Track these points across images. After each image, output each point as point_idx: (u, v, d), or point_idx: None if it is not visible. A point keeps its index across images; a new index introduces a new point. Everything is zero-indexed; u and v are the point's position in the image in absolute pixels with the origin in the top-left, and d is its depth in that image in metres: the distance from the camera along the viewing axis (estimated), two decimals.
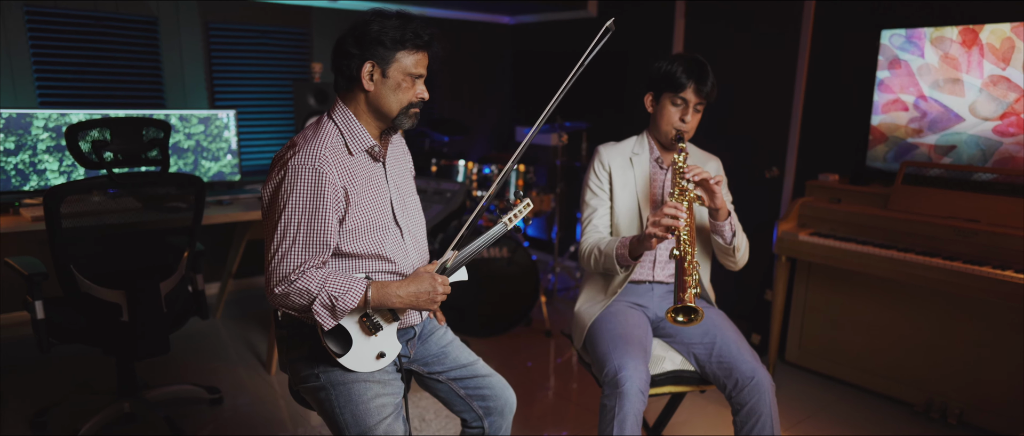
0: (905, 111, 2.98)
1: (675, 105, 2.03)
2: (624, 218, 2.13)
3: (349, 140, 1.58)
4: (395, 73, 1.55)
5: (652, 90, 2.09)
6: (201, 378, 3.07)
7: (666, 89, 2.02)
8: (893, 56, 2.98)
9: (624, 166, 2.15)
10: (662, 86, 2.03)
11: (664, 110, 2.05)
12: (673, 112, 2.03)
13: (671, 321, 1.76)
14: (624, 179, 2.14)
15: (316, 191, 1.48)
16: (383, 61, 1.54)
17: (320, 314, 1.47)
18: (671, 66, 2.01)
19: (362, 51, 1.53)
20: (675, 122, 2.04)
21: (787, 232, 3.05)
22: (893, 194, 2.90)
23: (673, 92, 2.01)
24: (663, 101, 2.05)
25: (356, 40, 1.53)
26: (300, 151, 1.50)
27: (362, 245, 1.57)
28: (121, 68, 3.68)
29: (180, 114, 3.25)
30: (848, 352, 3.14)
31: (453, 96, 5.14)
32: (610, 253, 1.99)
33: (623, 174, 2.14)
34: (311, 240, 1.49)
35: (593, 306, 2.10)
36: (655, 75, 2.06)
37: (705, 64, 2.01)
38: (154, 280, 2.34)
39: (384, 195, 1.64)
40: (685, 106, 2.02)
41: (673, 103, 2.03)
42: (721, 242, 2.05)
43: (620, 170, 2.14)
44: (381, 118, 1.62)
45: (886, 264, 2.74)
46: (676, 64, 2.00)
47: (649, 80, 2.09)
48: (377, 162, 1.65)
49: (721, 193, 1.95)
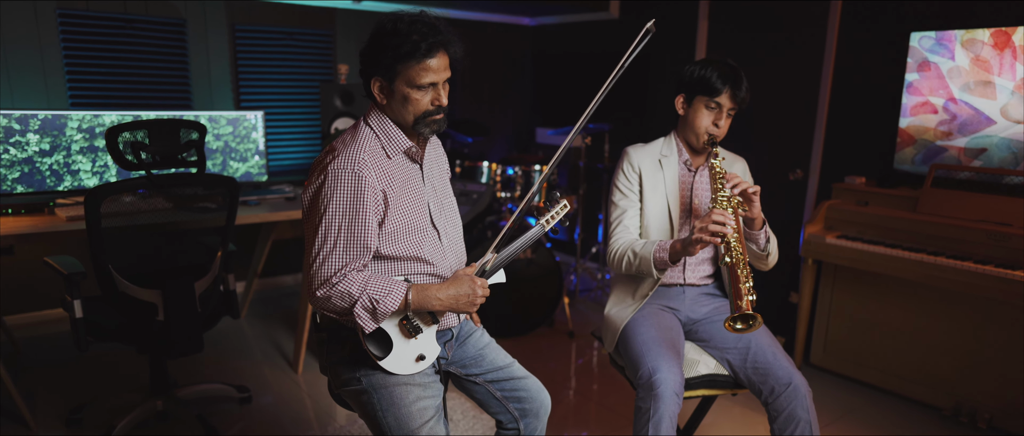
0: (934, 113, 2.96)
1: (709, 109, 2.03)
2: (654, 221, 2.13)
3: (385, 143, 1.60)
4: (400, 87, 1.55)
5: (684, 92, 2.09)
6: (228, 377, 3.11)
7: (700, 92, 2.03)
8: (922, 58, 2.96)
9: (654, 168, 2.15)
10: (696, 89, 2.04)
11: (697, 113, 2.05)
12: (706, 116, 2.04)
13: (730, 330, 1.76)
14: (654, 181, 2.14)
15: (356, 194, 1.50)
16: (387, 76, 1.55)
17: (361, 317, 1.49)
18: (706, 70, 2.01)
19: (367, 68, 1.57)
20: (708, 126, 2.04)
21: (814, 235, 3.04)
22: (922, 197, 2.88)
23: (708, 96, 2.01)
24: (696, 104, 2.05)
25: (363, 57, 1.57)
26: (339, 155, 1.52)
27: (400, 247, 1.59)
28: (149, 69, 3.73)
29: (209, 115, 3.29)
30: (875, 355, 3.13)
31: (473, 97, 5.16)
32: (647, 256, 2.00)
33: (653, 176, 2.14)
34: (352, 243, 1.51)
35: (624, 309, 2.11)
36: (688, 78, 2.06)
37: (739, 70, 2.02)
38: (189, 280, 2.38)
39: (421, 197, 1.65)
40: (719, 111, 2.02)
41: (707, 107, 2.03)
42: (755, 249, 2.05)
43: (650, 172, 2.15)
44: (402, 127, 1.63)
45: (916, 268, 2.73)
46: (711, 69, 2.00)
47: (681, 83, 2.09)
48: (415, 163, 1.66)
49: (758, 202, 1.95)
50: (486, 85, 5.21)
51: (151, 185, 2.21)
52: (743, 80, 2.01)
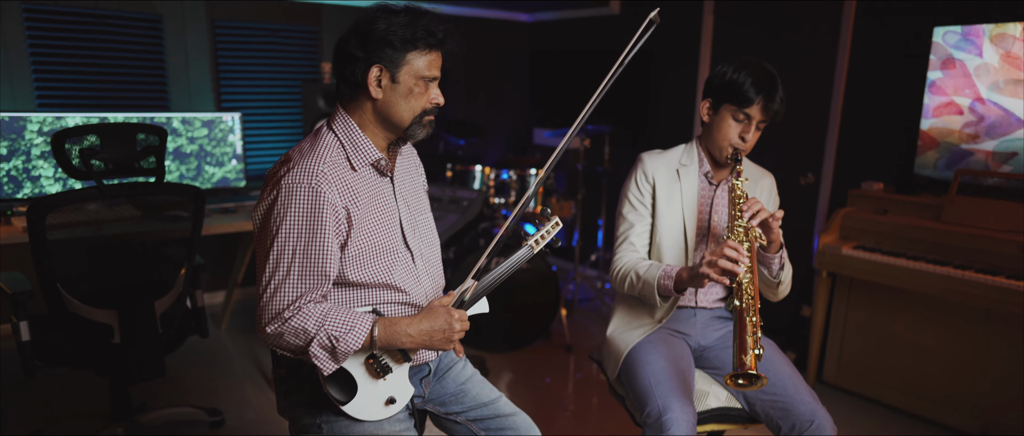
0: (959, 115, 2.75)
1: (736, 120, 1.79)
2: (668, 238, 1.91)
3: (351, 153, 1.39)
4: (406, 77, 1.36)
5: (711, 97, 1.85)
6: (203, 395, 2.90)
7: (728, 100, 1.78)
8: (947, 55, 2.75)
9: (670, 179, 1.92)
10: (724, 96, 1.79)
11: (723, 123, 1.81)
12: (733, 127, 1.80)
13: (730, 385, 1.55)
14: (670, 194, 1.91)
15: (313, 213, 1.29)
16: (392, 64, 1.35)
17: (319, 357, 1.29)
18: (738, 75, 1.76)
19: (368, 53, 1.34)
20: (733, 139, 1.80)
21: (828, 245, 2.83)
22: (947, 205, 2.67)
23: (736, 105, 1.76)
24: (723, 113, 1.81)
25: (360, 41, 1.34)
26: (295, 168, 1.31)
27: (367, 273, 1.38)
28: (123, 69, 3.52)
29: (182, 117, 3.08)
30: (893, 374, 2.92)
31: (468, 97, 4.95)
32: (650, 281, 1.79)
33: (669, 188, 1.92)
34: (308, 270, 1.30)
35: (629, 333, 1.90)
36: (718, 82, 1.81)
37: (776, 77, 1.77)
38: (148, 299, 2.17)
39: (392, 215, 1.45)
40: (747, 123, 1.78)
41: (735, 117, 1.79)
42: (766, 274, 1.84)
43: (666, 183, 1.92)
44: (391, 128, 1.43)
45: (941, 282, 2.52)
46: (744, 74, 1.75)
47: (709, 86, 1.85)
48: (384, 177, 1.46)
49: (778, 228, 1.74)
50: (481, 85, 5.00)
51: (102, 196, 2.00)
52: (779, 90, 1.76)
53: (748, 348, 1.52)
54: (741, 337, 1.55)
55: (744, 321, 1.57)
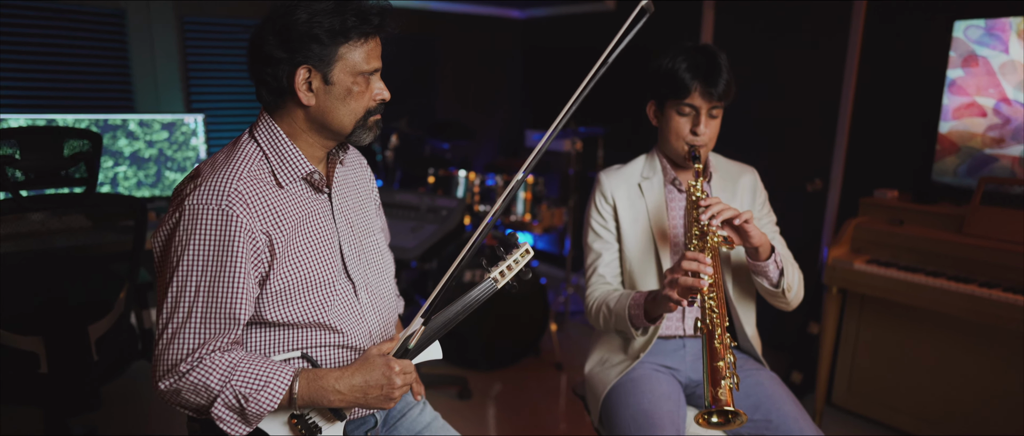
0: (982, 117, 2.51)
1: (682, 114, 1.58)
2: (637, 260, 1.69)
3: (277, 166, 1.16)
4: (342, 76, 1.13)
5: (653, 97, 1.65)
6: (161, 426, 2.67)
7: (669, 95, 1.58)
8: (969, 52, 2.51)
9: (632, 195, 1.70)
10: (664, 92, 1.59)
11: (671, 122, 1.60)
12: (681, 123, 1.59)
13: (703, 425, 1.33)
14: (634, 212, 1.69)
15: (222, 242, 1.07)
16: (322, 63, 1.12)
17: (225, 419, 1.06)
18: (672, 63, 1.56)
19: (291, 53, 1.11)
20: (685, 136, 1.59)
21: (839, 259, 2.59)
22: (969, 216, 2.43)
23: (677, 98, 1.56)
24: (668, 111, 1.61)
25: (280, 38, 1.11)
26: (202, 185, 1.08)
27: (295, 311, 1.15)
28: (82, 67, 3.29)
29: (140, 119, 2.85)
30: (908, 398, 2.68)
31: (457, 97, 4.71)
32: (621, 314, 1.56)
33: (632, 206, 1.70)
34: (213, 312, 1.07)
35: (609, 369, 1.67)
36: (654, 77, 1.61)
37: (715, 54, 1.56)
38: (81, 322, 1.95)
39: (329, 239, 1.22)
40: (695, 114, 1.57)
41: (680, 112, 1.58)
42: (766, 284, 1.61)
43: (627, 201, 1.70)
44: (329, 135, 1.20)
45: (963, 302, 2.28)
46: (679, 60, 1.56)
47: (648, 84, 1.65)
48: (320, 193, 1.23)
49: (755, 229, 1.50)
50: (471, 84, 4.76)
51: (19, 209, 1.78)
52: (721, 69, 1.54)
53: (719, 378, 1.30)
54: (709, 364, 1.34)
55: (713, 345, 1.35)
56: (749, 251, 1.54)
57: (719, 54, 1.56)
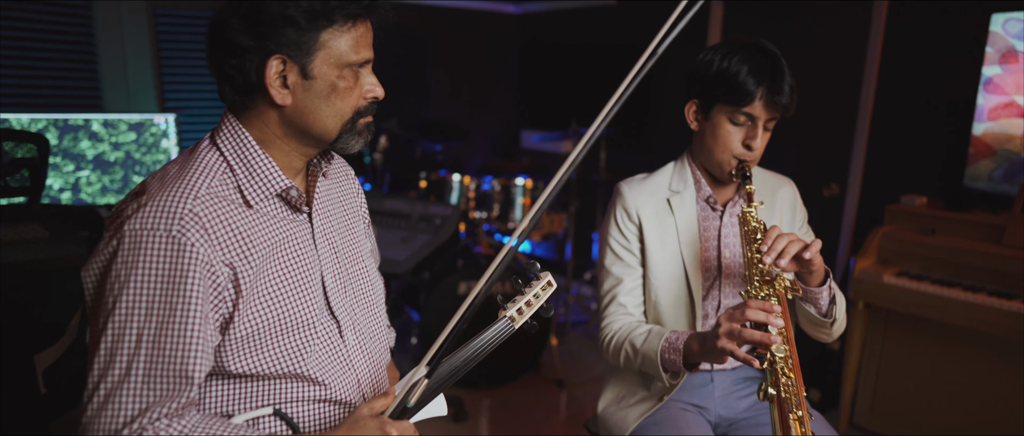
0: (1022, 118, 2.32)
1: (736, 124, 1.35)
2: (664, 290, 1.46)
3: (245, 181, 0.94)
4: (324, 68, 0.92)
5: (698, 97, 1.41)
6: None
7: (722, 99, 1.34)
8: (1008, 47, 2.32)
9: (660, 213, 1.47)
10: (715, 93, 1.35)
11: (719, 129, 1.37)
12: (733, 134, 1.35)
13: None
14: (663, 233, 1.46)
15: (172, 279, 0.85)
16: (300, 51, 0.90)
17: None
18: (728, 62, 1.32)
19: (260, 40, 0.89)
20: (734, 148, 1.36)
21: (866, 271, 2.40)
22: (1010, 225, 2.24)
23: (733, 104, 1.33)
24: (717, 116, 1.37)
25: (247, 22, 0.89)
26: (148, 205, 0.86)
27: (267, 360, 0.94)
28: (44, 63, 3.04)
29: (104, 119, 2.62)
30: (939, 421, 2.49)
31: (449, 96, 4.49)
32: (651, 357, 1.34)
33: (660, 225, 1.46)
34: (159, 371, 0.85)
35: (628, 410, 1.45)
36: (703, 75, 1.37)
37: (778, 57, 1.33)
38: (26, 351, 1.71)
39: (310, 270, 1.00)
40: (752, 125, 1.34)
41: (733, 121, 1.35)
42: (813, 312, 1.40)
43: (655, 219, 1.47)
44: (310, 142, 0.98)
45: (1007, 320, 2.09)
46: (737, 60, 1.31)
47: (693, 82, 1.41)
48: (299, 213, 1.01)
49: (819, 259, 1.29)
50: (465, 82, 4.54)
51: None
52: (786, 75, 1.32)
53: None
54: None
55: (786, 419, 1.12)
56: (802, 275, 1.32)
57: (781, 57, 1.34)
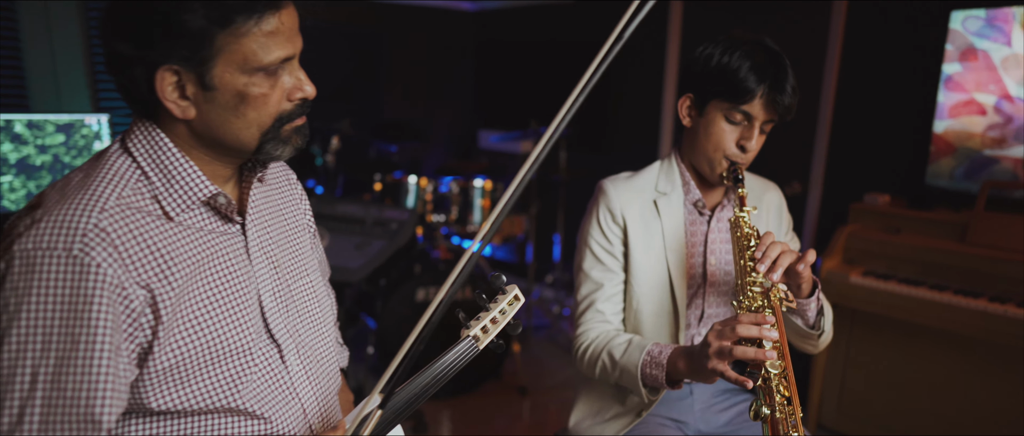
0: (982, 115, 2.32)
1: (732, 122, 1.28)
2: (645, 298, 1.38)
3: (163, 190, 0.81)
4: (227, 76, 0.78)
5: (693, 92, 1.33)
6: None
7: (719, 95, 1.27)
8: (967, 45, 2.32)
9: (647, 215, 1.39)
10: (712, 89, 1.28)
11: (714, 127, 1.29)
12: (726, 132, 1.28)
13: None
14: (648, 236, 1.38)
15: (73, 306, 0.72)
16: (196, 60, 0.76)
17: None
18: (729, 58, 1.25)
19: (145, 50, 0.75)
20: (729, 149, 1.29)
21: (833, 272, 2.37)
22: (973, 223, 2.24)
23: (731, 101, 1.26)
24: (712, 113, 1.29)
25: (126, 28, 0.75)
26: (44, 221, 0.73)
27: (195, 394, 0.81)
28: None
29: (28, 120, 2.41)
30: (905, 420, 2.48)
31: (404, 95, 4.35)
32: (631, 371, 1.26)
33: (646, 228, 1.38)
34: (59, 413, 0.72)
35: (602, 424, 1.37)
36: (701, 69, 1.29)
37: (780, 55, 1.27)
38: None
39: (243, 287, 0.87)
40: (748, 125, 1.28)
41: (729, 119, 1.28)
42: (800, 324, 1.34)
43: (641, 222, 1.38)
44: (229, 153, 0.85)
45: (973, 319, 2.08)
46: (739, 56, 1.24)
47: (689, 76, 1.33)
48: (230, 224, 0.88)
49: (809, 270, 1.23)
50: (418, 81, 4.41)
51: None
52: (789, 74, 1.26)
53: None
54: None
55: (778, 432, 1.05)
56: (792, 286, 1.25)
57: (784, 56, 1.27)
